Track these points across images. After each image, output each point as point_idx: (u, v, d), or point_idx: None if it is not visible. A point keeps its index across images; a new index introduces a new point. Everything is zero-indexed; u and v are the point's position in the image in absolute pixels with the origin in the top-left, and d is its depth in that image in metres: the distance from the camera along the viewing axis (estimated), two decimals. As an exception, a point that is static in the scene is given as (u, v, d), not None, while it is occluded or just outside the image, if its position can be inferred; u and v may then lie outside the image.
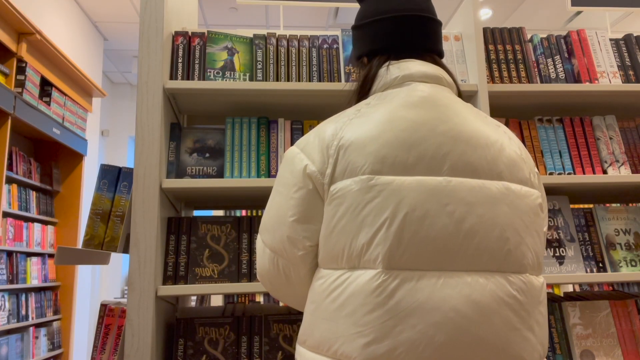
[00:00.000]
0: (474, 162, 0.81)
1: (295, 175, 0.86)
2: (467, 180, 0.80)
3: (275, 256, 0.90)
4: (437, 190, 0.78)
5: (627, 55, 1.64)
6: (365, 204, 0.78)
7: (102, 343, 1.33)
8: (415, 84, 0.89)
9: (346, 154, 0.81)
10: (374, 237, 0.76)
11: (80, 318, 4.35)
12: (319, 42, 1.55)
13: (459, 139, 0.82)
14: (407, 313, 0.73)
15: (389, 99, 0.88)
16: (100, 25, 4.85)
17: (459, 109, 0.87)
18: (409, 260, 0.75)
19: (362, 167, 0.80)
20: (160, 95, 1.38)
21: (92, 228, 1.37)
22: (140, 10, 1.42)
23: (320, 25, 4.94)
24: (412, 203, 0.77)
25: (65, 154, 4.02)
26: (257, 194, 1.55)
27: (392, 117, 0.84)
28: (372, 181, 0.79)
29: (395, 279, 0.75)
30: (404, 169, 0.79)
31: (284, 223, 0.87)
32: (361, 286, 0.76)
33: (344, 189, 0.80)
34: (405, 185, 0.78)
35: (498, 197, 0.80)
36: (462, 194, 0.78)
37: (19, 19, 3.05)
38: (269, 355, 1.34)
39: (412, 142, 0.81)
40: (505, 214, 0.79)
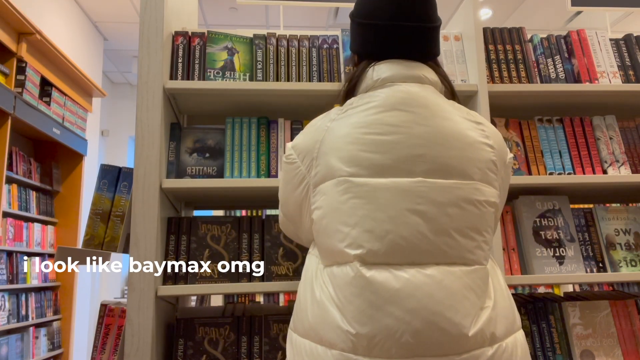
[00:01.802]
0: (448, 164, 0.85)
1: (289, 172, 0.95)
2: (440, 181, 0.84)
3: (287, 221, 1.06)
4: (410, 191, 0.82)
5: (627, 55, 1.64)
6: (342, 204, 0.84)
7: (102, 343, 1.33)
8: (397, 84, 0.91)
9: (326, 157, 0.87)
10: (349, 233, 0.82)
11: (80, 318, 4.35)
12: (319, 42, 1.55)
13: (434, 141, 0.85)
14: (385, 301, 0.78)
15: (368, 101, 0.90)
16: (100, 25, 4.85)
17: (439, 108, 0.89)
18: (384, 257, 0.81)
19: (339, 169, 0.85)
20: (160, 95, 1.38)
21: (92, 228, 1.37)
22: (140, 10, 1.42)
23: (320, 25, 4.93)
24: (386, 203, 0.81)
25: (65, 154, 4.02)
26: (257, 194, 1.55)
27: (370, 120, 0.87)
28: (348, 183, 0.84)
29: (370, 271, 0.80)
30: (379, 171, 0.83)
31: (288, 206, 1.01)
32: (344, 279, 0.82)
33: (323, 191, 0.87)
34: (380, 186, 0.82)
35: (467, 198, 0.84)
36: (434, 195, 0.83)
37: (19, 19, 3.05)
38: (269, 355, 1.34)
39: (388, 145, 0.84)
40: (473, 214, 0.84)
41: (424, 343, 0.77)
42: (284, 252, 1.38)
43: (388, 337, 0.77)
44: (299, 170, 0.92)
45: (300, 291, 0.92)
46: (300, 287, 0.92)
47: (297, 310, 0.90)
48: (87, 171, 4.27)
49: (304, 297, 0.89)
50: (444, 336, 0.77)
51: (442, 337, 0.77)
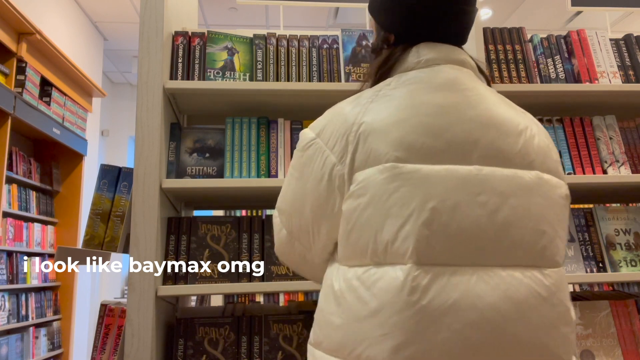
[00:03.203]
0: (505, 150, 0.76)
1: (313, 167, 0.81)
2: (499, 169, 0.74)
3: (292, 239, 0.87)
4: (467, 179, 0.72)
5: (627, 55, 1.64)
6: (390, 194, 0.72)
7: (102, 343, 1.33)
8: (440, 66, 0.83)
9: (367, 141, 0.75)
10: (400, 229, 0.70)
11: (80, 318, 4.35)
12: (319, 42, 1.55)
13: (489, 125, 0.76)
14: (441, 312, 0.67)
15: (411, 81, 0.81)
16: (100, 25, 4.85)
17: (485, 93, 0.82)
18: (440, 254, 0.69)
19: (385, 154, 0.73)
20: (160, 95, 1.38)
21: (92, 228, 1.37)
22: (140, 10, 1.42)
23: (320, 25, 4.93)
24: (442, 193, 0.71)
25: (65, 154, 4.01)
26: (257, 194, 1.55)
27: (417, 101, 0.77)
28: (396, 169, 0.72)
29: (427, 275, 0.68)
30: (431, 156, 0.73)
31: (300, 213, 0.83)
32: (389, 283, 0.69)
33: (366, 179, 0.74)
34: (433, 174, 0.72)
35: (532, 187, 0.75)
36: (495, 184, 0.73)
37: (19, 19, 3.05)
38: (269, 355, 1.34)
39: (439, 128, 0.74)
40: (539, 205, 0.74)
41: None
42: (284, 252, 1.38)
43: (443, 354, 0.66)
44: (326, 158, 0.78)
45: (322, 301, 0.80)
46: (323, 296, 0.80)
47: (322, 323, 0.77)
48: (87, 171, 4.27)
49: (328, 307, 0.77)
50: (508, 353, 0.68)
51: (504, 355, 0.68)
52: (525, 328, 0.68)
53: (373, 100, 0.80)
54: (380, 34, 0.93)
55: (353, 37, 1.57)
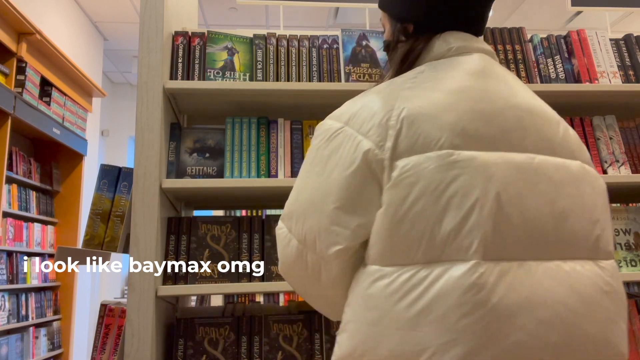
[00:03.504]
0: (551, 138, 0.73)
1: (342, 154, 0.72)
2: (550, 158, 0.71)
3: (305, 249, 0.76)
4: (524, 167, 0.68)
5: (627, 55, 1.64)
6: (448, 184, 0.65)
7: (102, 343, 1.33)
8: (471, 54, 0.79)
9: (414, 124, 0.68)
10: (464, 221, 0.64)
11: (80, 318, 4.35)
12: (319, 42, 1.55)
13: (533, 113, 0.74)
14: (512, 312, 0.61)
15: (448, 67, 0.77)
16: (100, 25, 4.85)
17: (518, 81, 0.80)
18: (506, 248, 0.64)
19: (437, 140, 0.67)
20: (160, 95, 1.38)
21: (92, 228, 1.37)
22: (140, 10, 1.42)
23: (320, 25, 4.94)
24: (503, 182, 0.66)
25: (65, 154, 4.02)
26: (257, 194, 1.55)
27: (461, 86, 0.73)
28: (452, 157, 0.66)
29: (493, 271, 0.63)
30: (486, 143, 0.68)
31: (321, 211, 0.72)
32: (452, 283, 0.62)
33: (416, 166, 0.67)
34: (491, 162, 0.67)
35: (579, 177, 0.73)
36: (549, 172, 0.69)
37: (19, 19, 3.05)
38: (269, 355, 1.34)
39: (490, 113, 0.70)
40: (589, 195, 0.72)
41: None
42: (284, 252, 1.38)
43: (522, 356, 0.61)
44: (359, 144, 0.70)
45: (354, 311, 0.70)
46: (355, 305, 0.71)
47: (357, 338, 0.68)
48: (87, 171, 4.27)
49: (364, 316, 0.68)
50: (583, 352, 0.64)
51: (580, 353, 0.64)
52: (593, 324, 0.65)
53: (410, 87, 0.74)
54: (396, 26, 0.87)
55: (353, 37, 1.57)
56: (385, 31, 0.92)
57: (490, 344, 0.60)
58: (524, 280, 0.63)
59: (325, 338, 1.36)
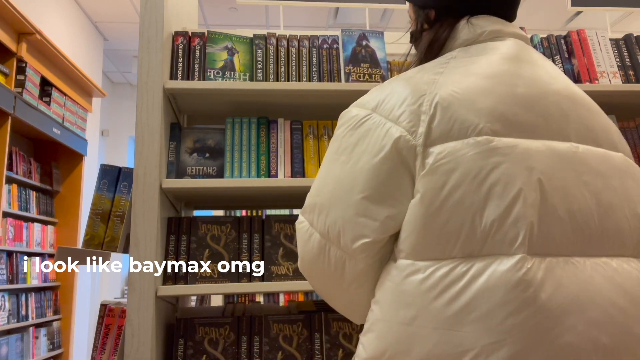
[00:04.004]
0: (594, 128, 0.69)
1: (370, 141, 0.68)
2: (592, 148, 0.67)
3: (328, 244, 0.70)
4: (567, 157, 0.64)
5: (627, 55, 1.64)
6: (489, 171, 0.61)
7: (102, 343, 1.33)
8: (507, 39, 0.75)
9: (449, 110, 0.65)
10: (508, 212, 0.59)
11: (80, 318, 4.35)
12: (319, 42, 1.55)
13: (575, 100, 0.69)
14: (562, 311, 0.57)
15: (481, 52, 0.73)
16: (100, 25, 4.85)
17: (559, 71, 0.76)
18: (552, 242, 0.60)
19: (475, 126, 0.63)
20: (160, 95, 1.38)
21: (92, 228, 1.37)
22: (140, 10, 1.42)
23: (320, 25, 4.94)
24: (547, 171, 0.62)
25: (65, 154, 4.02)
26: (257, 194, 1.55)
27: (497, 70, 0.69)
28: (492, 143, 0.62)
29: (540, 266, 0.58)
30: (527, 130, 0.64)
31: (346, 201, 0.68)
32: (497, 278, 0.58)
33: (453, 153, 0.63)
34: (534, 150, 0.63)
35: (623, 169, 0.68)
36: (593, 163, 0.65)
37: (19, 19, 3.05)
38: (269, 355, 1.34)
39: (530, 99, 0.66)
40: (633, 188, 0.67)
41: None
42: (284, 252, 1.38)
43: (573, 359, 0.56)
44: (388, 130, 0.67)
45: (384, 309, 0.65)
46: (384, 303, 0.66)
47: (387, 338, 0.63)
48: (87, 171, 4.27)
49: (397, 315, 0.63)
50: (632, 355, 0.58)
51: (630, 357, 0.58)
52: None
53: (443, 72, 0.70)
54: (421, 15, 0.83)
55: (353, 37, 1.57)
56: (412, 23, 0.88)
57: (539, 345, 0.56)
58: (573, 277, 0.59)
59: (325, 338, 1.36)
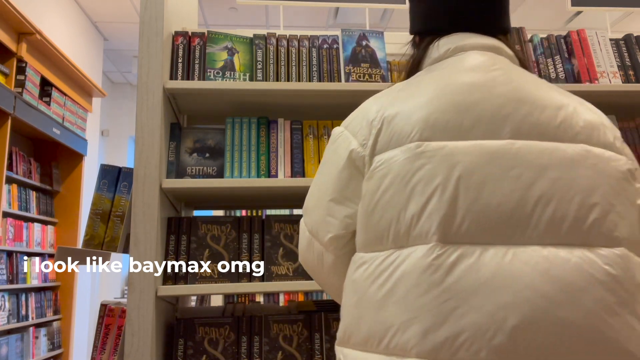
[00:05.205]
0: (542, 123, 0.71)
1: (336, 152, 0.81)
2: (536, 143, 0.70)
3: (312, 239, 0.85)
4: (498, 153, 0.69)
5: (627, 55, 1.64)
6: (414, 173, 0.69)
7: (102, 343, 1.33)
8: (467, 52, 0.82)
9: (391, 124, 0.74)
10: (424, 206, 0.67)
11: (80, 318, 4.35)
12: (319, 42, 1.55)
13: (521, 100, 0.73)
14: (470, 292, 0.62)
15: (438, 68, 0.82)
16: (100, 25, 4.85)
17: (519, 74, 0.79)
18: (468, 231, 0.66)
19: (409, 134, 0.72)
20: (160, 95, 1.38)
21: (92, 228, 1.37)
22: (140, 10, 1.42)
23: (320, 25, 4.94)
24: (469, 167, 0.68)
25: (65, 154, 4.02)
26: (257, 194, 1.55)
27: (444, 83, 0.76)
28: (420, 148, 0.70)
29: (453, 253, 0.65)
30: (457, 133, 0.70)
31: (321, 204, 0.82)
32: (413, 264, 0.66)
33: (388, 160, 0.72)
34: (460, 150, 0.69)
35: (576, 160, 0.69)
36: (530, 157, 0.68)
37: (19, 19, 3.05)
38: (269, 355, 1.34)
39: (466, 105, 0.72)
40: (587, 178, 0.68)
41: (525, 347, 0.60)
42: (284, 252, 1.38)
43: (476, 337, 0.61)
44: (349, 144, 0.79)
45: (344, 296, 0.77)
46: (344, 291, 0.77)
47: (346, 319, 0.74)
48: (87, 171, 4.27)
49: (349, 300, 0.74)
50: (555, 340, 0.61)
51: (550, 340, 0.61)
52: (577, 312, 0.62)
53: (401, 89, 0.80)
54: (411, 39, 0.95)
55: (353, 37, 1.57)
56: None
57: (445, 322, 0.62)
58: (488, 263, 0.64)
59: (325, 338, 1.36)
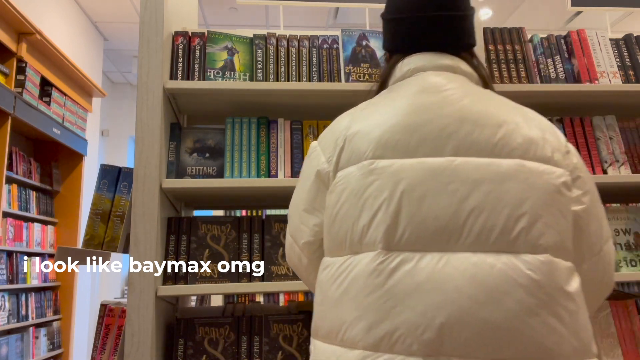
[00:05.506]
0: (481, 141, 0.79)
1: (309, 167, 0.91)
2: (473, 159, 0.77)
3: (293, 243, 0.96)
4: (439, 170, 0.77)
5: (627, 55, 1.64)
6: (365, 188, 0.79)
7: (102, 343, 1.33)
8: (427, 73, 0.89)
9: (352, 142, 0.84)
10: (373, 218, 0.77)
11: (80, 318, 4.35)
12: (319, 42, 1.55)
13: (465, 120, 0.80)
14: (406, 294, 0.72)
15: (397, 89, 0.89)
16: (100, 25, 4.85)
17: (470, 92, 0.85)
18: (408, 240, 0.75)
19: (365, 152, 0.81)
20: (160, 95, 1.38)
21: (92, 228, 1.37)
22: (140, 10, 1.42)
23: (320, 25, 4.94)
24: (411, 183, 0.76)
25: (65, 154, 4.02)
26: (257, 194, 1.55)
27: (398, 104, 0.85)
28: (372, 165, 0.80)
29: (395, 259, 0.74)
30: (405, 151, 0.79)
31: (297, 213, 0.93)
32: (361, 269, 0.76)
33: (347, 176, 0.82)
34: (406, 167, 0.78)
35: (509, 174, 0.76)
36: (467, 173, 0.76)
37: (19, 19, 3.05)
38: (269, 355, 1.34)
39: (415, 126, 0.80)
40: (517, 191, 0.75)
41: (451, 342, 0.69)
42: (284, 252, 1.38)
43: (409, 333, 0.70)
44: (319, 160, 0.88)
45: (315, 295, 0.87)
46: (315, 290, 0.88)
47: (315, 314, 0.84)
48: (87, 171, 4.27)
49: (317, 297, 0.84)
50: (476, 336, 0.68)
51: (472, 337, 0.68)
52: (497, 312, 0.69)
53: (364, 108, 0.89)
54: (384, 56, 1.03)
55: (353, 37, 1.57)
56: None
57: (385, 319, 0.72)
58: (423, 268, 0.73)
59: (325, 338, 1.36)
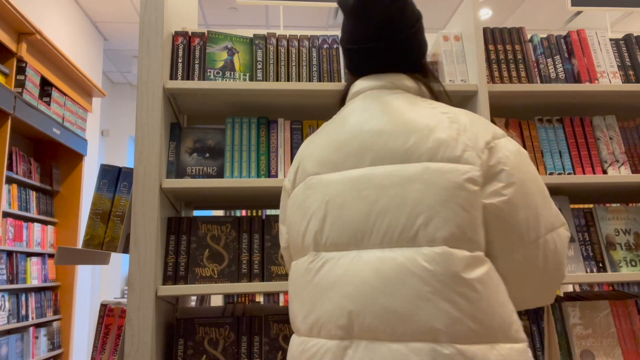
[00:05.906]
0: (395, 150, 0.89)
1: (283, 185, 1.07)
2: (387, 167, 0.88)
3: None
4: (357, 179, 0.89)
5: (627, 55, 1.64)
6: (304, 200, 0.94)
7: (102, 343, 1.33)
8: (365, 93, 1.00)
9: (303, 162, 0.99)
10: (307, 225, 0.92)
11: (80, 318, 4.35)
12: (319, 42, 1.55)
13: (382, 132, 0.91)
14: (327, 287, 0.86)
15: (343, 109, 1.02)
16: (100, 25, 4.85)
17: (395, 105, 0.95)
18: (332, 242, 0.88)
19: (308, 171, 0.96)
20: (160, 95, 1.38)
21: (92, 228, 1.37)
22: (140, 10, 1.42)
23: (320, 25, 4.94)
24: (334, 193, 0.90)
25: (65, 154, 4.02)
26: (257, 194, 1.55)
27: (335, 126, 0.98)
28: (310, 181, 0.94)
29: (321, 259, 0.88)
30: (334, 167, 0.93)
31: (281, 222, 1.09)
32: (300, 268, 0.92)
33: (296, 192, 0.98)
34: (333, 180, 0.91)
35: (414, 177, 0.86)
36: (379, 179, 0.87)
37: (19, 19, 3.05)
38: (269, 355, 1.34)
39: (342, 143, 0.93)
40: (418, 191, 0.84)
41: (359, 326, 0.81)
42: (284, 252, 1.38)
43: (329, 320, 0.84)
44: (287, 180, 1.05)
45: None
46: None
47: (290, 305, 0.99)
48: (87, 171, 4.28)
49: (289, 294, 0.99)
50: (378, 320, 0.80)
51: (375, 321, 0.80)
52: (395, 299, 0.80)
53: (316, 133, 1.03)
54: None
55: (353, 37, 1.56)
56: None
57: (314, 309, 0.86)
58: (343, 265, 0.86)
59: (325, 338, 1.36)
